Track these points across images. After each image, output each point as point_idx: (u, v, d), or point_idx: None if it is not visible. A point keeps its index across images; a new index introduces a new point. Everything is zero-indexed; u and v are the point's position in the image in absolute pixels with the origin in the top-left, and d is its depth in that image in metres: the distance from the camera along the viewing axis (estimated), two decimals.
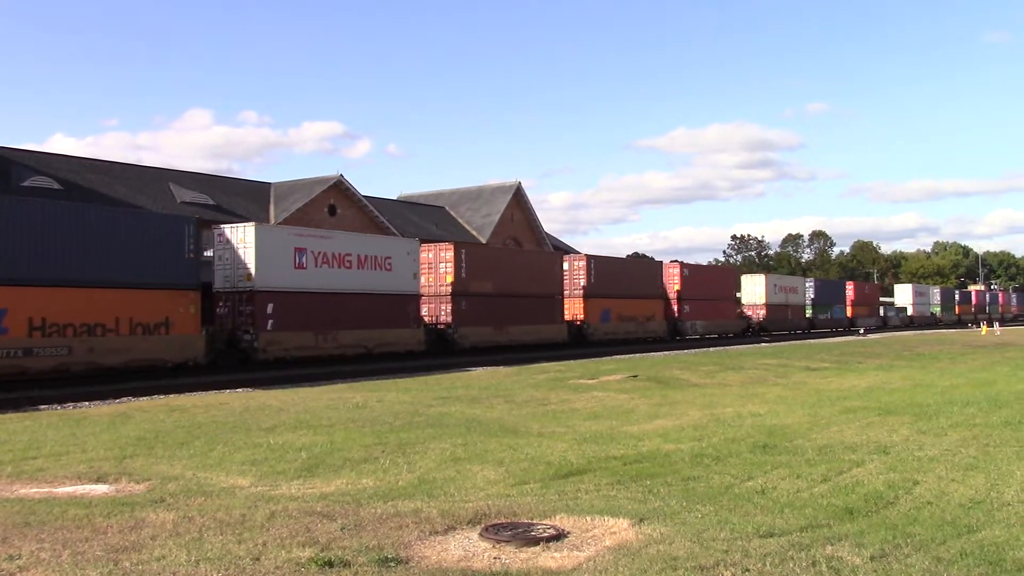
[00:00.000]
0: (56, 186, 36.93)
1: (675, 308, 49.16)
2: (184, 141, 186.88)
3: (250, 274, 26.03)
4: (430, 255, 34.23)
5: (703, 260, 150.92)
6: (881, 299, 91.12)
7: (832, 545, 6.05)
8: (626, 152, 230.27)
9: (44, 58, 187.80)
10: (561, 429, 13.04)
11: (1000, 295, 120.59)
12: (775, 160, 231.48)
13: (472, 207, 62.40)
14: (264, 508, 7.37)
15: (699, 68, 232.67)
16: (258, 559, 5.80)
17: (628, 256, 64.96)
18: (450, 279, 33.96)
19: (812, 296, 67.98)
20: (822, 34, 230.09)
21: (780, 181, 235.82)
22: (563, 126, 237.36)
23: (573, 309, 41.13)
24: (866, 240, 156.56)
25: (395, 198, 62.77)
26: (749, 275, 63.78)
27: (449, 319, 33.78)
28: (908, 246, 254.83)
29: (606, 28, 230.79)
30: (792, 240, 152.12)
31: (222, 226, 27.23)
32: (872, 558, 5.73)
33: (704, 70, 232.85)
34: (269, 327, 26.32)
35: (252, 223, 27.37)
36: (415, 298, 32.09)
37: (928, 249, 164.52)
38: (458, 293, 34.04)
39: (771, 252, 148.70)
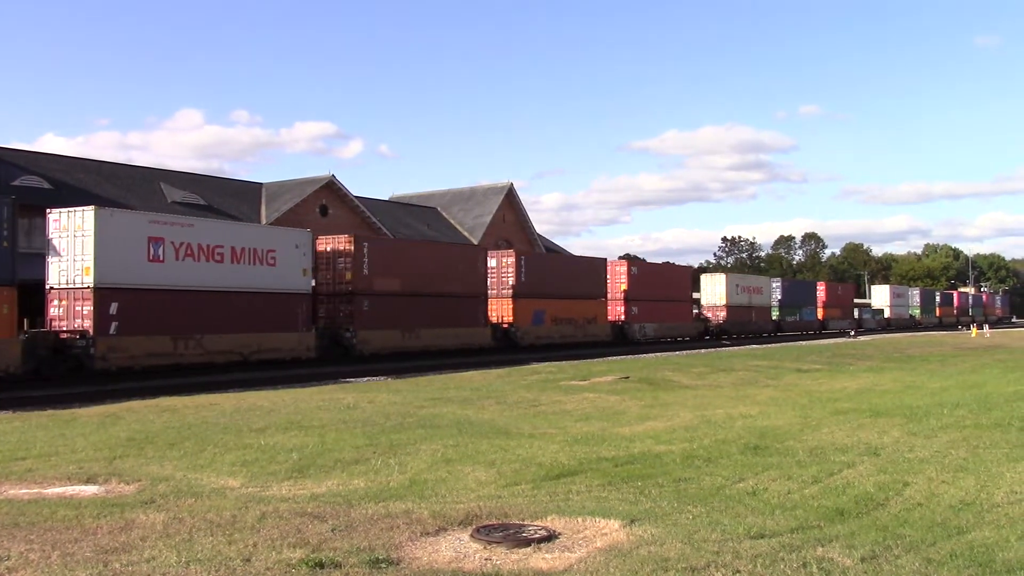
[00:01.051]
0: (46, 186, 36.77)
1: (622, 310, 45.68)
2: (175, 141, 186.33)
3: (88, 268, 22.34)
4: (327, 248, 30.75)
5: (695, 262, 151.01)
6: (858, 301, 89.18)
7: (823, 546, 6.07)
8: (618, 153, 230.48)
9: (35, 57, 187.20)
10: (552, 430, 13.04)
11: (984, 297, 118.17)
12: (767, 162, 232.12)
13: (464, 208, 62.39)
14: (255, 509, 7.35)
15: (691, 70, 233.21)
16: (249, 560, 5.78)
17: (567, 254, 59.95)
18: (349, 276, 30.24)
19: (779, 297, 64.96)
20: (814, 36, 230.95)
21: (772, 183, 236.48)
22: (556, 127, 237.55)
23: (500, 311, 37.44)
24: (857, 242, 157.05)
25: (387, 199, 62.72)
26: (709, 275, 60.87)
27: (348, 321, 30.30)
28: (899, 248, 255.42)
29: (598, 30, 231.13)
30: (784, 242, 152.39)
31: (57, 210, 23.36)
32: (862, 559, 5.75)
33: (696, 72, 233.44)
34: (112, 331, 22.58)
35: (92, 207, 23.22)
36: (305, 298, 28.48)
37: (919, 251, 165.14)
38: (359, 292, 30.41)
39: (762, 254, 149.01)
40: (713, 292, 56.81)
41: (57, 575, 5.49)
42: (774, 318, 63.38)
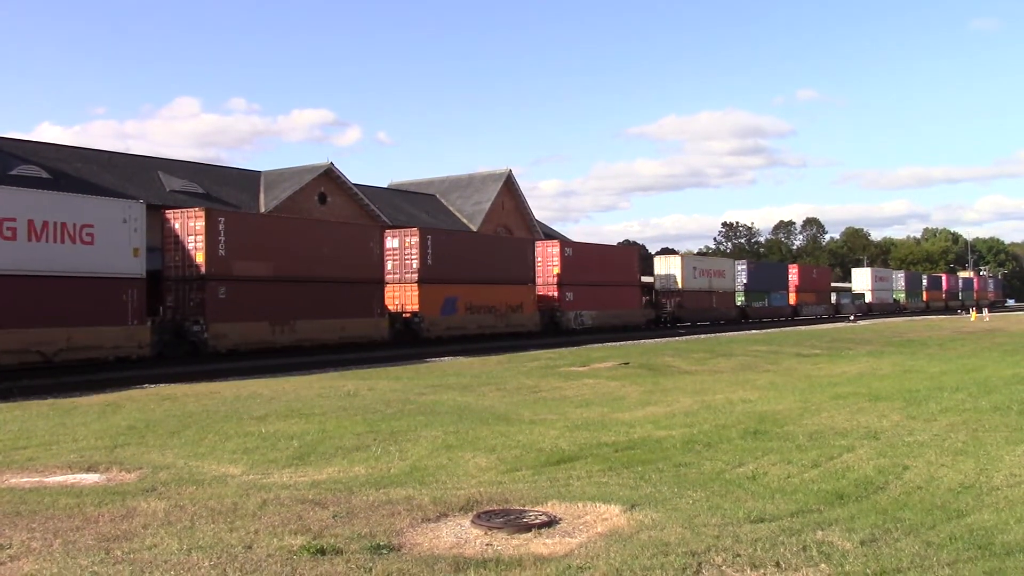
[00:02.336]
0: (44, 175, 36.68)
1: (555, 296, 41.22)
2: (172, 129, 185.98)
3: None
4: (176, 225, 25.78)
5: (694, 248, 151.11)
6: (838, 285, 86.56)
7: (822, 530, 6.08)
8: (616, 140, 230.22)
9: (30, 46, 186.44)
10: (552, 416, 13.06)
11: (975, 280, 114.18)
12: (766, 147, 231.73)
13: (463, 195, 62.30)
14: (256, 496, 7.36)
15: (689, 55, 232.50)
16: (250, 547, 5.79)
17: (507, 237, 53.62)
18: (201, 257, 25.39)
19: (745, 281, 60.37)
20: (811, 21, 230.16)
21: (771, 168, 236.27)
22: (553, 114, 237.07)
23: (402, 298, 33.00)
24: (857, 227, 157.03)
25: (386, 186, 62.62)
26: (663, 256, 56.53)
27: (198, 312, 25.29)
28: (898, 232, 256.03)
29: (596, 15, 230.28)
30: (783, 227, 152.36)
31: None
32: (862, 543, 5.76)
33: (694, 57, 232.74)
34: None
35: None
36: (137, 283, 23.16)
37: (918, 236, 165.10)
38: (213, 277, 25.57)
39: (762, 239, 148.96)
40: (667, 276, 52.90)
41: (59, 563, 5.49)
42: (739, 303, 59.62)
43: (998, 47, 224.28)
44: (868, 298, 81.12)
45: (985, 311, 75.16)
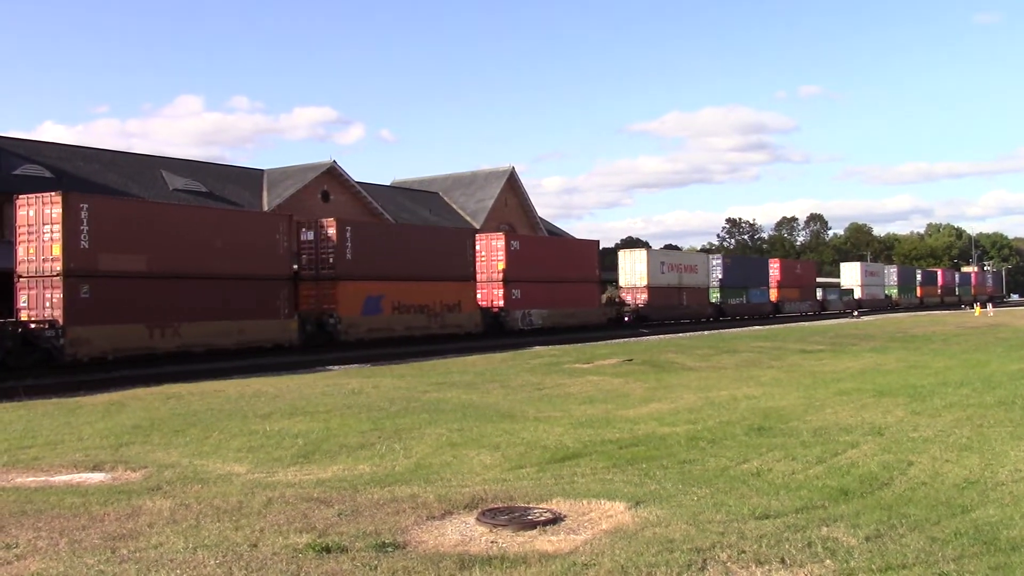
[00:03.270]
0: (47, 174, 36.73)
1: (500, 293, 37.24)
2: (175, 128, 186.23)
3: None
4: (29, 213, 22.07)
5: (697, 244, 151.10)
6: (826, 280, 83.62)
7: (827, 526, 6.08)
8: (619, 136, 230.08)
9: (34, 45, 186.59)
10: (557, 413, 13.06)
11: (973, 275, 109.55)
12: (769, 143, 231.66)
13: (466, 192, 62.28)
14: (261, 495, 7.37)
15: (691, 51, 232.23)
16: (255, 545, 5.80)
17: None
18: (57, 250, 21.66)
19: (720, 276, 56.33)
20: (813, 16, 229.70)
21: (775, 164, 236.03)
22: (556, 110, 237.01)
23: (319, 297, 29.57)
24: (860, 223, 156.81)
25: (389, 184, 62.63)
26: (627, 251, 51.78)
27: (55, 315, 21.55)
28: (902, 228, 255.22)
29: (598, 12, 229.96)
30: (787, 223, 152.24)
31: None
32: (867, 539, 5.76)
33: (696, 53, 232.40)
34: None
35: None
36: None
37: (922, 231, 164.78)
38: (75, 273, 21.82)
39: (765, 235, 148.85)
40: (632, 271, 48.62)
41: (65, 562, 5.51)
42: (713, 300, 55.63)
43: (1000, 41, 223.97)
44: (857, 294, 77.33)
45: (989, 306, 74.97)
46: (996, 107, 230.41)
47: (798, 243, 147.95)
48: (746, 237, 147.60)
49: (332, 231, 29.66)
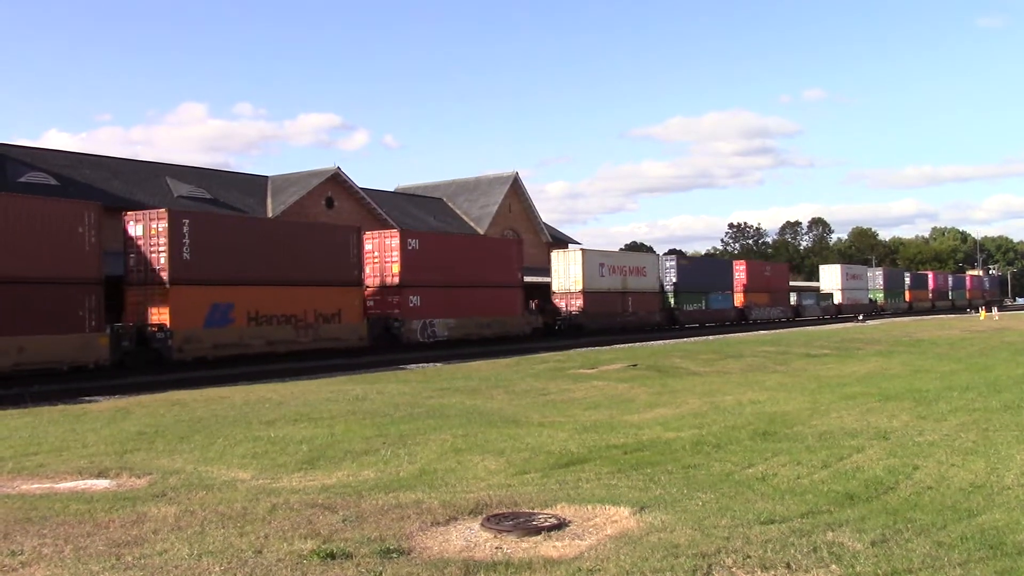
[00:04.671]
0: (52, 182, 36.85)
1: (394, 300, 32.24)
2: (178, 135, 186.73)
3: None
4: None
5: (701, 249, 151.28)
6: (802, 284, 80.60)
7: (833, 531, 6.06)
8: (622, 141, 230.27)
9: (37, 53, 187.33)
10: (561, 418, 13.05)
11: (968, 279, 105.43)
12: (773, 147, 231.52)
13: (470, 198, 62.35)
14: (265, 501, 7.37)
15: (694, 56, 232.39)
16: (260, 552, 5.80)
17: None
18: None
19: (674, 280, 51.11)
20: (817, 20, 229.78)
21: (779, 168, 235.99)
22: (559, 116, 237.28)
23: (144, 304, 24.18)
24: (865, 227, 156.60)
25: (393, 190, 62.72)
26: (560, 251, 46.16)
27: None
28: (907, 232, 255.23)
29: (601, 17, 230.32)
30: (790, 227, 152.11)
31: None
32: (873, 543, 5.74)
33: (699, 58, 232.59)
34: None
35: None
36: None
37: (927, 235, 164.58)
38: None
39: (769, 240, 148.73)
40: (566, 274, 43.45)
41: (70, 569, 5.51)
42: (668, 306, 50.63)
43: (1004, 45, 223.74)
44: (838, 298, 72.47)
45: (995, 310, 74.75)
46: (1000, 110, 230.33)
47: (802, 247, 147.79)
48: (750, 242, 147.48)
49: (163, 224, 24.06)
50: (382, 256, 32.48)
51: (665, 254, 59.67)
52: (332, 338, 29.21)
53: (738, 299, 57.63)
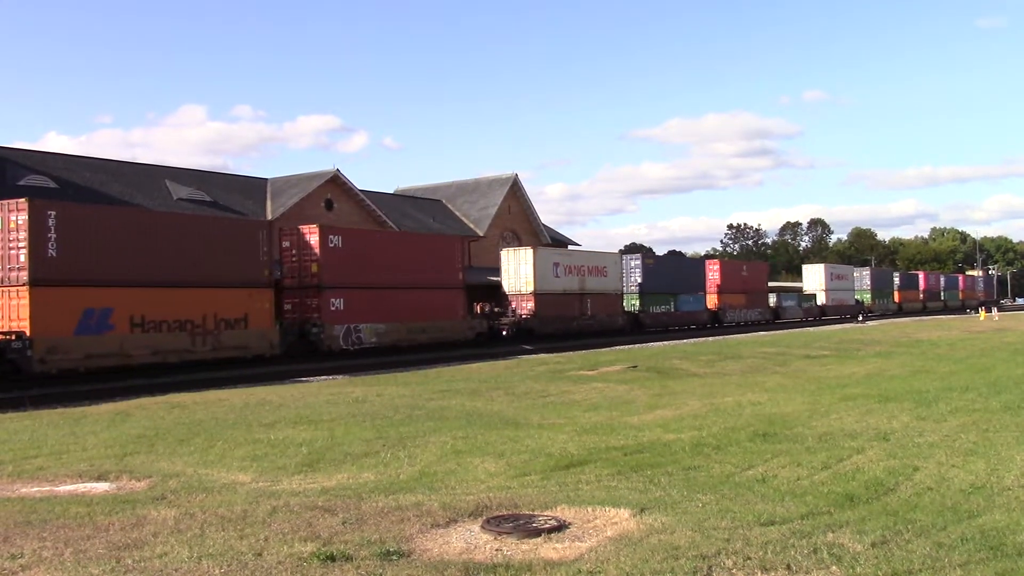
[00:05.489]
0: (52, 185, 36.82)
1: (314, 304, 28.91)
2: (178, 137, 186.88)
3: None
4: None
5: (701, 250, 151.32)
6: (782, 284, 78.60)
7: (833, 532, 6.06)
8: (621, 142, 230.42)
9: (36, 55, 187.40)
10: (561, 420, 13.05)
11: (961, 279, 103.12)
12: (773, 148, 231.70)
13: (469, 200, 62.33)
14: (265, 503, 7.37)
15: (694, 57, 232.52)
16: (260, 554, 5.80)
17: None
18: None
19: (639, 280, 48.00)
20: (816, 21, 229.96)
21: (778, 169, 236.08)
22: (558, 117, 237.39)
23: (6, 310, 20.88)
24: (864, 227, 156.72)
25: (392, 192, 62.73)
26: (510, 250, 42.14)
27: None
28: (907, 233, 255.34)
29: (600, 19, 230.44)
30: (790, 228, 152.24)
31: None
32: (873, 544, 5.74)
33: (699, 59, 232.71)
34: None
35: None
36: None
37: (926, 236, 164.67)
38: None
39: (769, 241, 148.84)
40: (516, 274, 40.01)
41: (70, 572, 5.51)
42: (632, 309, 47.46)
43: (1004, 45, 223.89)
44: (821, 299, 69.12)
45: (995, 310, 74.73)
46: (1000, 111, 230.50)
47: (802, 248, 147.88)
48: (750, 243, 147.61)
49: (22, 217, 20.83)
50: (300, 254, 29.24)
51: (627, 252, 55.47)
52: (237, 346, 25.58)
53: (711, 301, 54.83)
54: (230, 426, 12.93)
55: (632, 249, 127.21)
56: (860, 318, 65.05)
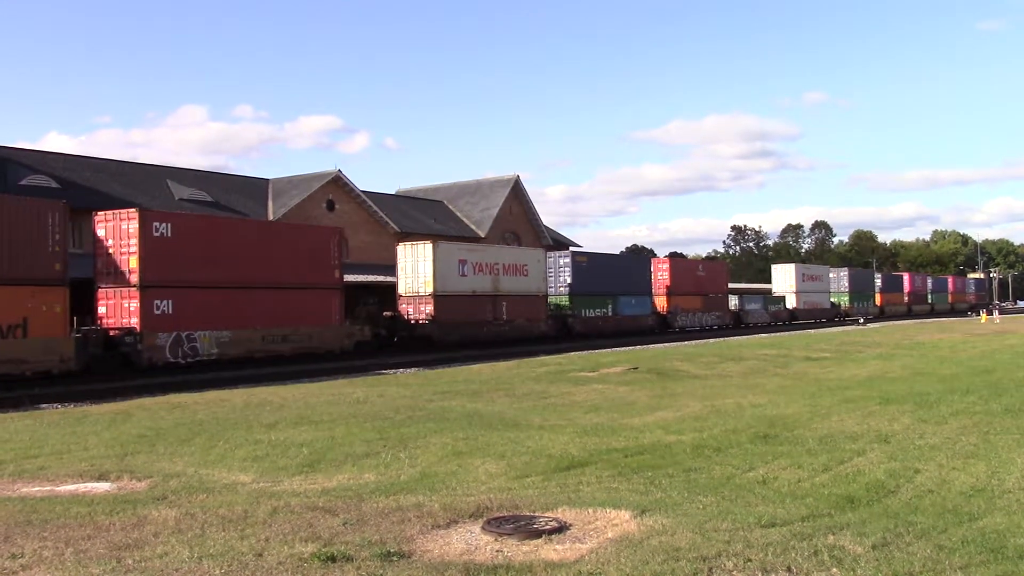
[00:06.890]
0: (53, 184, 36.85)
1: (132, 307, 23.26)
2: (178, 137, 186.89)
3: None
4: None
5: (702, 252, 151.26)
6: (747, 286, 74.55)
7: (834, 534, 6.06)
8: (622, 144, 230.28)
9: (37, 55, 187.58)
10: (562, 422, 13.05)
11: (950, 281, 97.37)
12: (774, 150, 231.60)
13: (470, 201, 62.34)
14: (266, 504, 7.37)
15: (695, 59, 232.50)
16: (261, 555, 5.80)
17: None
18: None
19: (570, 280, 42.35)
20: (817, 23, 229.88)
21: (780, 171, 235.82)
22: (559, 119, 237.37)
23: None
24: (866, 230, 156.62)
25: (394, 192, 62.76)
26: (407, 245, 35.82)
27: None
28: (908, 235, 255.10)
29: (601, 20, 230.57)
30: (792, 230, 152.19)
31: None
32: (874, 547, 5.74)
33: (700, 61, 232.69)
34: None
35: None
36: None
37: (928, 238, 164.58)
38: None
39: (770, 243, 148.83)
40: (414, 272, 34.49)
41: (71, 572, 5.51)
42: (560, 312, 41.88)
43: (1004, 48, 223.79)
44: (791, 302, 62.97)
45: (995, 313, 74.66)
46: (1001, 114, 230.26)
47: (803, 250, 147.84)
48: (752, 244, 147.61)
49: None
50: (117, 245, 23.55)
51: (554, 249, 50.23)
52: (12, 359, 19.82)
53: (659, 303, 49.13)
54: (231, 426, 12.93)
55: (633, 250, 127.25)
56: (861, 320, 64.98)
